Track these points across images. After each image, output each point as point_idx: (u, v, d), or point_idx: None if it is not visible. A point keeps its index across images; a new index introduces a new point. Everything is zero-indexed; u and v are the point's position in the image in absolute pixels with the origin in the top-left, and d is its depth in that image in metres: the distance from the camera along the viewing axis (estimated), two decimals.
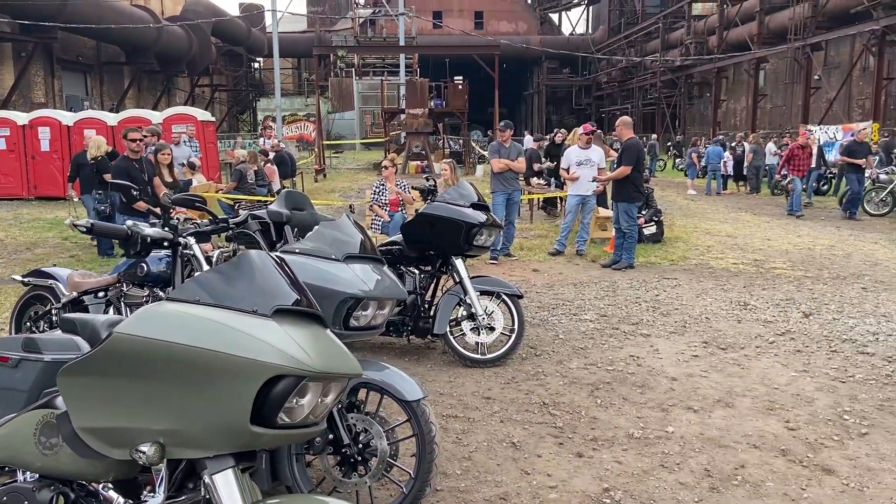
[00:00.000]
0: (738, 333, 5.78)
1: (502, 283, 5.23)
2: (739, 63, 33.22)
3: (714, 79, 35.97)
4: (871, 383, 4.62)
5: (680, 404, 4.29)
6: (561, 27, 61.35)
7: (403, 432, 3.06)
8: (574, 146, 9.84)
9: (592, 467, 3.49)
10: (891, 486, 3.29)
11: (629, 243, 8.54)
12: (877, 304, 6.70)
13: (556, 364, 5.02)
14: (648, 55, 43.81)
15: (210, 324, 1.70)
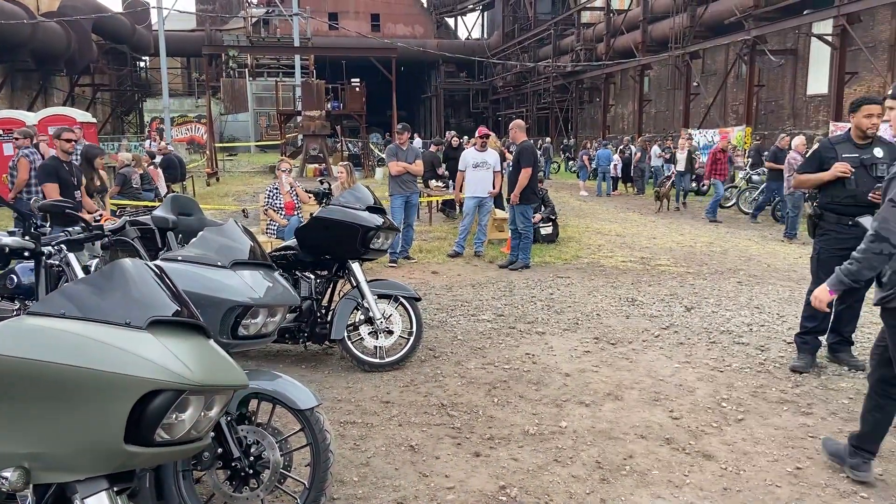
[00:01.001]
0: (626, 328, 6.03)
1: (400, 286, 5.22)
2: (626, 69, 34.78)
3: (603, 84, 37.51)
4: (745, 371, 4.92)
5: (573, 399, 4.42)
6: (457, 31, 62.12)
7: (298, 442, 2.99)
8: (471, 149, 9.96)
9: (489, 466, 3.54)
10: (764, 468, 3.51)
11: (525, 244, 8.74)
12: (750, 297, 7.16)
13: (454, 365, 5.06)
14: (541, 61, 45.09)
15: (74, 338, 1.59)
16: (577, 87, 41.85)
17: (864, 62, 22.01)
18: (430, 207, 13.15)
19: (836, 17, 19.88)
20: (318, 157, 24.56)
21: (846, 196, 4.74)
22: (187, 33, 44.08)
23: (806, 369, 4.89)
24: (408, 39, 47.56)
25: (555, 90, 42.94)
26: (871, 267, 3.13)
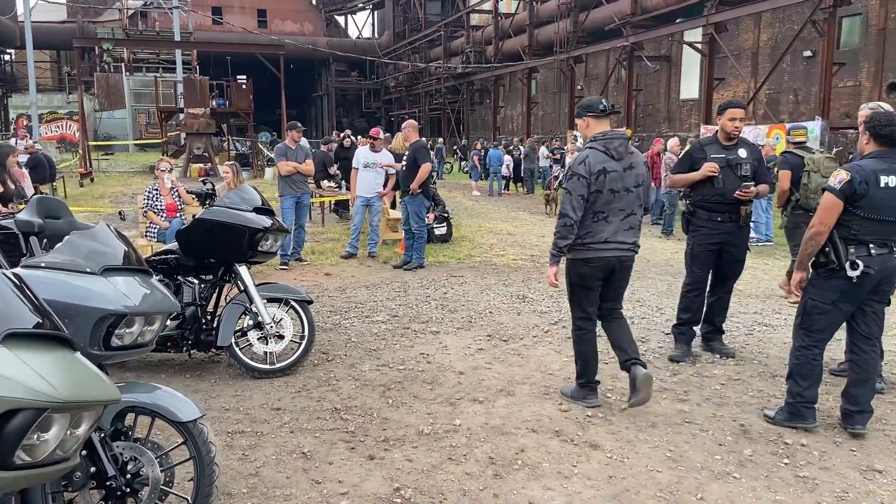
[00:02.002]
0: (517, 325, 6.16)
1: (291, 289, 5.09)
2: (514, 72, 35.64)
3: (492, 86, 38.26)
4: None
5: (467, 397, 4.46)
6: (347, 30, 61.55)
7: (181, 455, 2.85)
8: (364, 148, 9.89)
9: (384, 468, 3.51)
10: (646, 454, 3.68)
11: (419, 244, 8.76)
12: (632, 291, 7.48)
13: (348, 368, 5.00)
14: (432, 62, 45.44)
15: None
16: (467, 88, 42.48)
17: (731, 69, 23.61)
18: (322, 208, 12.94)
19: (705, 26, 21.21)
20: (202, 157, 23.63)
21: (715, 194, 5.05)
22: (57, 25, 41.25)
23: (682, 358, 5.17)
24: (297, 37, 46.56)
25: (446, 91, 43.40)
26: (563, 236, 4.16)
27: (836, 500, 3.20)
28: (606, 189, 4.09)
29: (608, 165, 4.11)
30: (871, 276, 3.72)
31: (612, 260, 4.20)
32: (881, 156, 3.76)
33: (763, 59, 23.68)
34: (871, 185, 3.65)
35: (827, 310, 3.84)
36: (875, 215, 3.68)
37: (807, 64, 22.01)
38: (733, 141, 5.12)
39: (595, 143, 4.21)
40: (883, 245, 3.74)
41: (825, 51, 17.59)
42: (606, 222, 4.14)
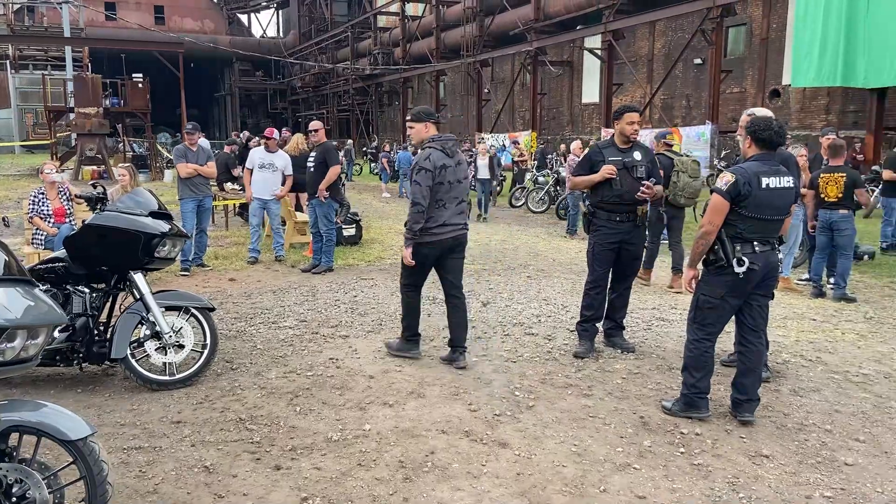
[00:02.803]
0: (428, 327, 6.16)
1: (191, 297, 4.90)
2: (423, 74, 35.79)
3: (401, 88, 38.27)
4: (535, 360, 5.25)
5: (377, 401, 4.43)
6: (251, 29, 60.01)
7: (71, 475, 2.69)
8: (259, 148, 9.63)
9: (291, 478, 3.43)
10: (552, 450, 3.76)
11: (328, 247, 8.64)
12: (539, 290, 7.68)
13: (253, 376, 4.86)
14: (340, 62, 44.99)
15: None
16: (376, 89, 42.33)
17: (628, 74, 24.60)
18: (226, 211, 12.55)
19: (604, 34, 22.01)
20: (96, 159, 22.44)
21: (613, 195, 5.24)
22: None
23: (586, 354, 5.32)
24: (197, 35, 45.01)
25: (355, 92, 43.09)
26: (417, 221, 4.88)
27: (728, 486, 3.38)
28: (446, 181, 4.94)
29: (446, 161, 4.96)
30: (755, 271, 3.96)
31: (449, 240, 5.04)
32: (761, 158, 4.02)
33: (658, 66, 24.80)
34: (753, 186, 3.89)
35: (717, 304, 4.06)
36: (758, 214, 3.93)
37: (697, 71, 23.22)
38: (629, 144, 5.32)
39: (434, 143, 5.04)
40: (765, 242, 4.01)
41: (713, 59, 18.62)
42: (445, 209, 4.99)
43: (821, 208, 7.34)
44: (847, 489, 3.34)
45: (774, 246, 4.08)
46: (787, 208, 4.08)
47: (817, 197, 7.32)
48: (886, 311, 6.89)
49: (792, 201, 4.14)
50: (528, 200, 16.96)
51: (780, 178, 3.97)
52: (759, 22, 21.12)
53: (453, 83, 36.69)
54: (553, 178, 16.41)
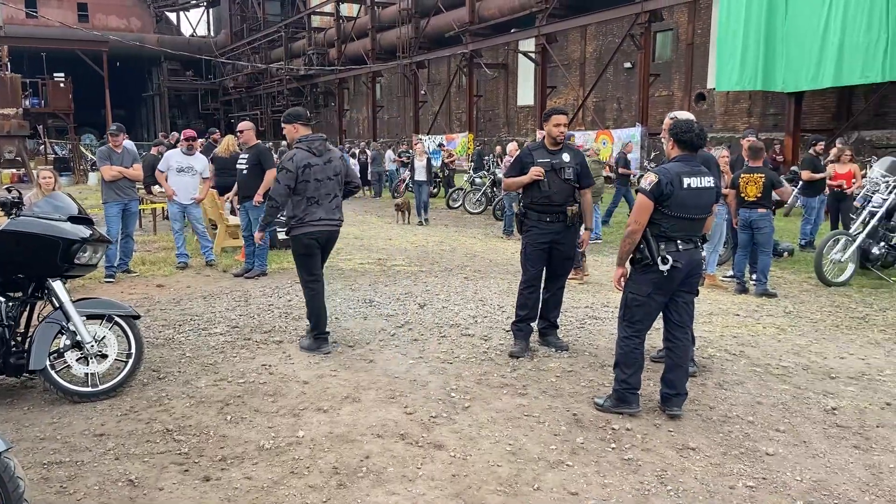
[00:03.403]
0: (364, 330, 6.13)
1: (114, 304, 4.72)
2: (358, 75, 35.56)
3: (337, 89, 37.94)
4: (472, 361, 5.27)
5: (311, 407, 4.37)
6: (180, 27, 58.38)
7: None
8: (176, 150, 9.36)
9: (220, 489, 3.35)
10: (488, 450, 3.78)
11: (261, 251, 8.47)
12: (475, 291, 7.73)
13: (182, 385, 4.72)
14: (273, 62, 44.24)
15: None
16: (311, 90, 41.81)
17: (562, 77, 25.05)
18: (154, 215, 12.17)
19: (537, 37, 22.35)
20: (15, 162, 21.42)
21: (542, 196, 5.31)
22: None
23: (521, 354, 5.38)
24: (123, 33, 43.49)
25: (289, 93, 42.45)
26: (272, 216, 5.53)
27: (657, 479, 3.47)
28: (313, 179, 5.31)
29: (311, 160, 5.34)
30: (679, 269, 4.08)
31: (326, 233, 5.45)
32: (683, 159, 4.16)
33: (590, 70, 25.33)
34: (675, 186, 4.02)
35: (644, 302, 4.17)
36: (681, 213, 4.06)
37: (627, 75, 23.83)
38: (559, 146, 5.41)
39: (301, 144, 5.43)
40: (689, 240, 4.15)
41: (642, 63, 19.15)
42: (318, 205, 5.36)
43: (741, 207, 7.63)
44: (768, 478, 3.48)
45: (698, 244, 4.22)
46: (708, 207, 4.23)
47: (738, 196, 7.61)
48: (804, 305, 7.22)
49: (713, 200, 4.28)
50: (465, 202, 17.07)
51: (701, 178, 4.11)
52: (684, 27, 21.83)
53: (390, 84, 36.59)
54: (490, 180, 16.55)
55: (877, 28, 13.62)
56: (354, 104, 40.43)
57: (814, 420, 4.20)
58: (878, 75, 13.88)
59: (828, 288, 8.02)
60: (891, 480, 3.46)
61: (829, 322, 6.54)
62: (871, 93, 17.10)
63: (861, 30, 13.85)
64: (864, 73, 14.06)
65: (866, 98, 17.65)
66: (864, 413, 4.31)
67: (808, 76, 15.05)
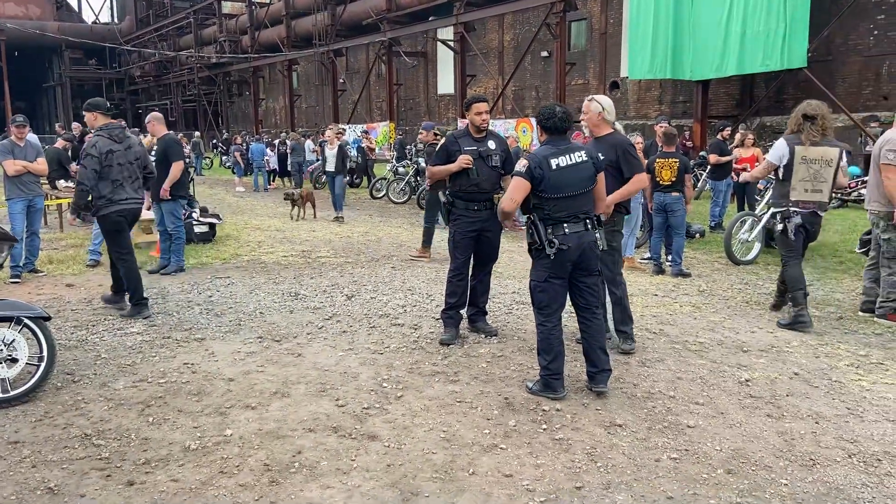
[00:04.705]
0: (290, 323, 6.02)
1: (22, 306, 4.46)
2: (274, 64, 34.73)
3: (251, 78, 36.93)
4: (402, 350, 5.27)
5: (238, 404, 4.26)
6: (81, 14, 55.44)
7: None
8: None
9: (145, 493, 3.22)
10: (422, 438, 3.79)
11: (177, 245, 8.18)
12: (404, 280, 7.71)
13: (99, 388, 4.51)
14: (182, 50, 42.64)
15: None
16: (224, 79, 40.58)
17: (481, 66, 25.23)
18: (59, 211, 11.54)
19: (455, 25, 22.40)
20: None
21: (470, 185, 5.35)
22: None
23: (452, 341, 5.41)
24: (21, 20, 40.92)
25: (201, 82, 41.05)
26: (82, 198, 6.02)
27: (587, 457, 3.57)
28: (115, 163, 5.94)
29: (113, 147, 5.92)
30: (566, 251, 4.17)
31: (132, 210, 6.15)
32: (551, 142, 4.32)
33: (508, 58, 25.62)
34: (545, 169, 4.16)
35: (544, 287, 4.28)
36: (557, 193, 4.18)
37: (544, 63, 24.24)
38: (483, 133, 5.45)
39: (101, 131, 6.01)
40: (576, 221, 4.22)
41: (558, 52, 19.50)
42: (123, 187, 6.04)
43: (656, 191, 7.91)
44: (690, 449, 3.64)
45: (588, 226, 4.27)
46: (585, 182, 4.26)
47: (653, 181, 7.89)
48: (716, 283, 7.57)
49: (590, 174, 4.29)
50: (388, 192, 16.99)
51: (571, 156, 4.24)
52: (597, 17, 22.36)
53: (307, 73, 35.92)
54: (413, 169, 16.53)
55: (775, 18, 14.36)
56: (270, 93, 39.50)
57: (730, 392, 4.42)
58: (777, 63, 14.65)
59: (737, 266, 8.44)
60: (802, 446, 3.68)
61: (739, 299, 6.88)
62: (772, 80, 18.02)
63: (761, 20, 14.57)
64: (765, 62, 14.81)
65: (767, 85, 18.59)
66: (774, 383, 4.57)
67: (714, 65, 15.72)
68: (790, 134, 5.77)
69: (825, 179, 5.67)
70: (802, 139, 5.65)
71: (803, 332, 5.71)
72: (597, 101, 4.97)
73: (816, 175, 5.67)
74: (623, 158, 4.89)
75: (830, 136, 5.71)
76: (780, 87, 18.26)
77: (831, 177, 5.69)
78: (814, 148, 5.63)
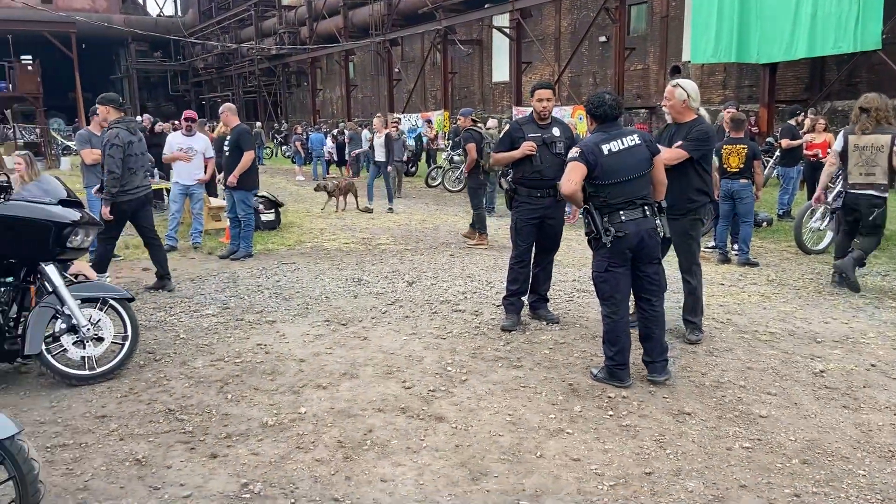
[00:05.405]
0: (355, 308, 6.15)
1: (108, 287, 4.69)
2: (331, 54, 35.13)
3: (309, 68, 37.45)
4: (465, 336, 5.33)
5: (310, 384, 4.40)
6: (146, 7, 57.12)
7: None
8: (177, 133, 9.35)
9: (228, 465, 3.38)
10: (488, 421, 3.85)
11: (246, 232, 8.43)
12: (463, 268, 7.78)
13: (179, 366, 4.72)
14: (244, 42, 43.52)
15: None
16: (283, 70, 41.26)
17: (537, 52, 24.99)
18: None
19: (512, 12, 22.22)
20: None
21: (534, 172, 5.35)
22: None
23: (513, 328, 5.44)
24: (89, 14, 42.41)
25: (261, 73, 41.85)
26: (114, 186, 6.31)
27: (655, 443, 3.56)
28: (134, 153, 6.40)
29: (131, 139, 6.38)
30: (623, 238, 4.13)
31: (142, 197, 6.56)
32: (601, 129, 4.30)
33: (565, 44, 25.30)
34: (597, 155, 4.14)
35: (605, 277, 4.25)
36: (612, 179, 4.14)
37: (602, 49, 23.85)
38: (547, 120, 5.44)
39: (120, 124, 6.39)
40: (632, 207, 4.17)
41: (617, 36, 19.15)
42: (136, 175, 6.44)
43: (723, 178, 7.74)
44: (763, 439, 3.59)
45: (647, 212, 4.21)
46: (640, 166, 4.20)
47: (720, 167, 7.72)
48: (786, 273, 7.38)
49: (645, 156, 4.23)
50: (444, 180, 17.05)
51: (623, 140, 4.20)
52: (659, 0, 21.86)
53: (363, 63, 36.23)
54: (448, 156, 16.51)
55: None
56: (328, 83, 39.99)
57: (803, 383, 4.33)
58: (850, 45, 14.06)
59: (807, 256, 8.20)
60: (880, 437, 3.59)
61: (811, 288, 6.70)
62: (843, 63, 17.33)
63: (833, 1, 14.00)
64: (837, 44, 14.23)
65: (838, 68, 17.89)
66: (850, 374, 4.46)
67: (782, 47, 15.19)
68: (850, 125, 6.44)
69: (877, 164, 6.25)
70: (856, 129, 6.34)
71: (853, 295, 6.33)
72: (682, 87, 4.90)
73: (868, 160, 6.28)
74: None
75: (886, 124, 6.26)
76: (852, 70, 17.54)
77: (884, 161, 6.21)
78: (865, 136, 6.27)
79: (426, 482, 3.23)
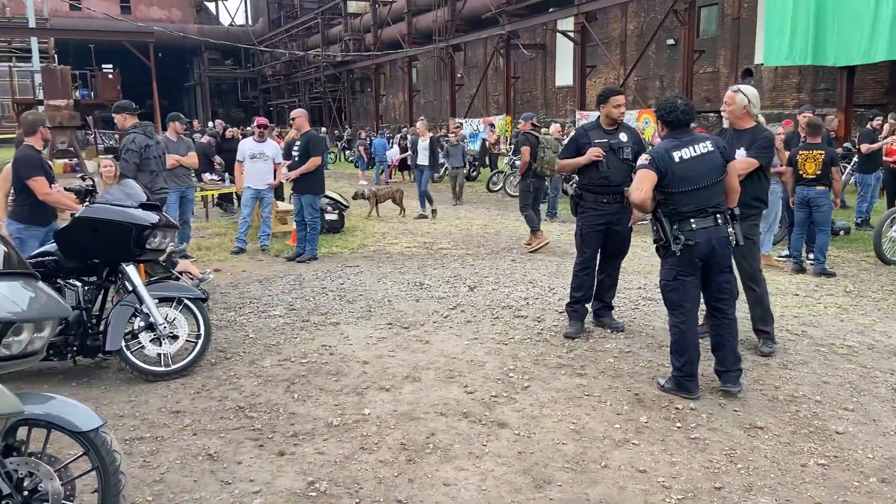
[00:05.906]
0: (417, 311, 6.20)
1: (183, 287, 4.88)
2: (394, 60, 35.56)
3: (373, 74, 38.00)
4: (527, 342, 5.31)
5: (373, 385, 4.46)
6: (219, 17, 59.06)
7: (82, 467, 2.68)
8: (249, 139, 9.64)
9: (295, 463, 3.46)
10: (551, 429, 3.82)
11: (312, 235, 8.61)
12: (525, 273, 7.74)
13: (248, 365, 4.86)
14: (310, 50, 44.48)
15: None
16: (348, 76, 41.95)
17: (601, 56, 24.68)
18: (205, 202, 12.43)
19: (577, 16, 22.01)
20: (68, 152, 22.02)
21: (600, 177, 5.28)
22: None
23: (577, 335, 5.38)
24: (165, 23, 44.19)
25: (326, 80, 42.67)
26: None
27: (725, 457, 3.47)
28: (153, 156, 6.84)
29: (148, 142, 6.81)
30: (693, 247, 4.02)
31: (164, 200, 6.92)
32: (673, 136, 4.18)
33: (631, 48, 24.90)
34: (668, 162, 4.04)
35: (674, 286, 4.15)
36: (683, 187, 4.04)
37: (670, 52, 23.37)
38: (615, 126, 5.37)
39: (136, 129, 6.81)
40: (704, 215, 4.06)
41: (686, 39, 18.75)
42: (159, 176, 7.02)
43: (798, 185, 7.47)
44: (840, 456, 3.45)
45: (720, 220, 4.10)
46: (713, 173, 4.09)
47: (796, 174, 7.46)
48: (864, 284, 7.07)
49: (719, 163, 4.12)
50: (505, 185, 17.01)
51: (695, 147, 4.09)
52: (731, 2, 21.29)
53: (426, 68, 36.51)
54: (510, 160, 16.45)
55: None
56: (391, 89, 40.46)
57: (882, 398, 4.15)
58: None
59: (887, 266, 7.84)
60: None
61: (891, 301, 6.40)
62: None
63: None
64: None
65: None
66: None
67: (861, 50, 14.57)
68: None
69: None
70: None
71: None
72: (743, 92, 4.77)
73: None
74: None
75: None
76: None
77: None
78: None
79: (489, 488, 3.23)
